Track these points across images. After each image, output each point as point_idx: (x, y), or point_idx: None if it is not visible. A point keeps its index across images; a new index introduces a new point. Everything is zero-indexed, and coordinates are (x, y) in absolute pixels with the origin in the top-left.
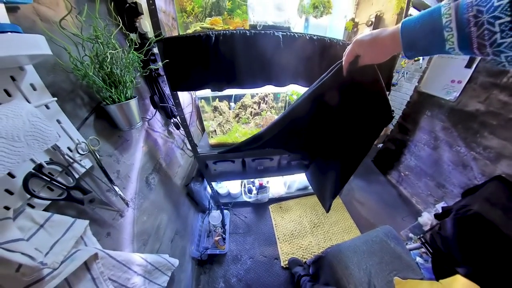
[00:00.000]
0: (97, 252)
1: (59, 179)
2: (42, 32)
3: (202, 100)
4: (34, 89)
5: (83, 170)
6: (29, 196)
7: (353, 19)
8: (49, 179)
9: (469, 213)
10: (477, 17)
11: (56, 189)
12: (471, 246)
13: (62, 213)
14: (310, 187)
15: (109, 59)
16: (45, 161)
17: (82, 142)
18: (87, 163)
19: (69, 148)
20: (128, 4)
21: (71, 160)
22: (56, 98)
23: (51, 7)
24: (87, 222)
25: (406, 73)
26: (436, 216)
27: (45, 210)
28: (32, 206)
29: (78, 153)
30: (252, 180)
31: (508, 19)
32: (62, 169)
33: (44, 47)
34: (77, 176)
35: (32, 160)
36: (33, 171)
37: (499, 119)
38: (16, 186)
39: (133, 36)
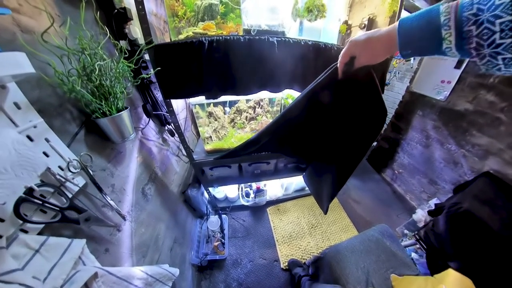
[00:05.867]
0: (96, 271)
1: (51, 200)
2: (23, 47)
3: (197, 106)
4: (19, 108)
5: (76, 189)
6: (21, 222)
7: (346, 22)
8: (41, 202)
9: (460, 211)
10: (477, 15)
11: (49, 211)
12: (462, 241)
13: (58, 235)
14: (307, 188)
15: (97, 71)
16: (35, 184)
17: (74, 159)
18: (80, 180)
19: (60, 167)
20: (116, 10)
21: (63, 180)
22: (43, 120)
23: (33, 17)
24: (84, 241)
25: (398, 72)
26: (430, 213)
27: (39, 233)
28: (26, 231)
29: (70, 171)
30: (249, 183)
31: (509, 18)
32: (54, 190)
33: (26, 66)
34: (70, 196)
35: None
36: (23, 195)
37: (486, 118)
38: (7, 212)
39: (122, 43)
